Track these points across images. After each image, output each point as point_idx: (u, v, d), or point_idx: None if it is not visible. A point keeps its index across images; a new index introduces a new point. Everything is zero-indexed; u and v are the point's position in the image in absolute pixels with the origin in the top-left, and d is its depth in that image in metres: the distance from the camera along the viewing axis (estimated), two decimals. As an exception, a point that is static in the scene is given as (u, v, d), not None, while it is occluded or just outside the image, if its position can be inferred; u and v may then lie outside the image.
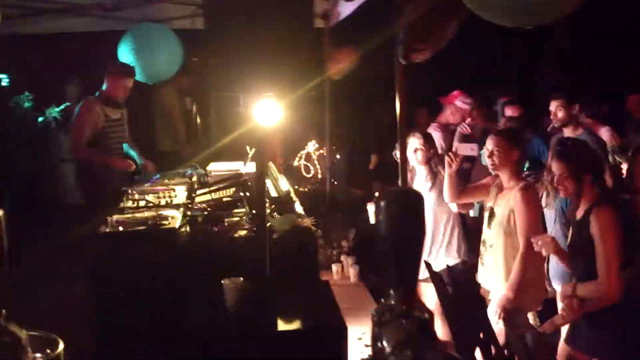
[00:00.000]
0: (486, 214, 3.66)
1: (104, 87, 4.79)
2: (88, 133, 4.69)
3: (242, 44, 2.50)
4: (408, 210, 1.97)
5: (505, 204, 3.51)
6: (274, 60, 2.52)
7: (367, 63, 5.67)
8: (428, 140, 4.14)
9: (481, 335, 2.04)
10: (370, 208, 4.29)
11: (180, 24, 5.84)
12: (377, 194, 4.09)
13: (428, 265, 3.06)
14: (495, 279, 3.54)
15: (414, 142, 4.03)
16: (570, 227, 3.09)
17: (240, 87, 2.62)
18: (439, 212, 4.12)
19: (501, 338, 2.51)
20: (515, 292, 3.28)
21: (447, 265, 3.67)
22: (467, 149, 3.86)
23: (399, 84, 3.09)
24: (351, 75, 5.72)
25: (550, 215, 4.04)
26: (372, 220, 4.18)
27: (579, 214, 2.97)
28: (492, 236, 3.57)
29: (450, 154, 3.71)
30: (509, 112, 5.16)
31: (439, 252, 4.17)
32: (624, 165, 3.74)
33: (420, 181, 4.20)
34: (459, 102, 5.15)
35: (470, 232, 4.28)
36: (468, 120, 4.76)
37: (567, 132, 4.58)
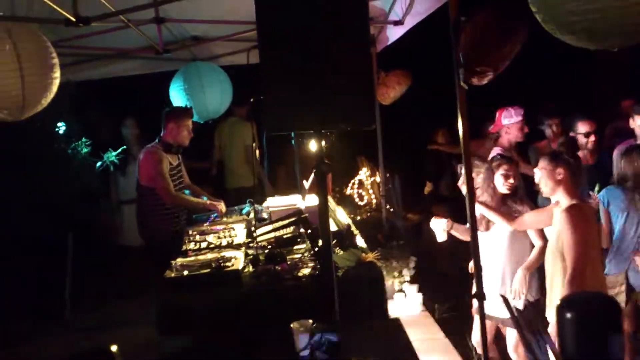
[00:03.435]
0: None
1: (163, 133, 4.64)
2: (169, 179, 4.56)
3: (298, 80, 2.45)
4: (607, 327, 1.58)
5: (554, 227, 3.38)
6: (330, 94, 2.45)
7: (420, 87, 5.57)
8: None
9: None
10: (436, 224, 3.99)
11: (229, 60, 5.90)
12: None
13: (507, 303, 2.90)
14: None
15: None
16: None
17: (296, 124, 2.54)
18: (511, 248, 3.81)
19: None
20: None
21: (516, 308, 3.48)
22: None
23: (461, 109, 2.95)
24: (402, 100, 5.62)
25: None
26: (440, 238, 4.01)
27: None
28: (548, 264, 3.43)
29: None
30: (584, 128, 4.86)
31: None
32: None
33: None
34: (506, 120, 4.94)
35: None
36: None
37: None
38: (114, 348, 1.57)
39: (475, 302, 3.87)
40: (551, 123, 5.25)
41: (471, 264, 4.45)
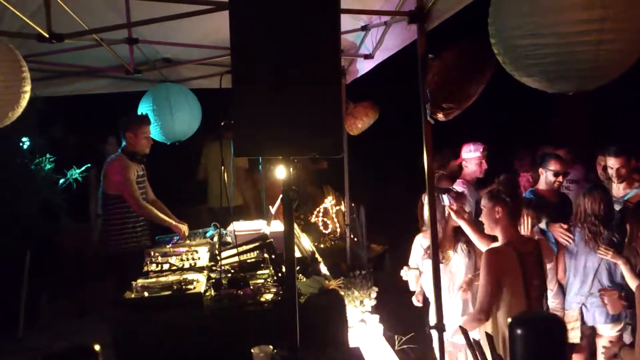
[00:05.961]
0: None
1: (124, 143, 4.73)
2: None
3: (269, 107, 2.48)
4: (551, 344, 1.68)
5: None
6: (300, 122, 2.49)
7: (388, 120, 5.66)
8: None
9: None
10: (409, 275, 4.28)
11: (200, 83, 5.92)
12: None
13: (464, 332, 2.95)
14: None
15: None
16: None
17: (264, 150, 2.57)
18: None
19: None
20: None
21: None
22: None
23: (427, 143, 3.04)
24: (369, 131, 5.71)
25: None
26: (412, 287, 4.22)
27: None
28: None
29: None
30: (555, 166, 4.93)
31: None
32: None
33: None
34: (465, 154, 5.09)
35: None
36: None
37: (623, 187, 4.55)
38: (97, 347, 1.55)
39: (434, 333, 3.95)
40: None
41: (414, 298, 4.54)
